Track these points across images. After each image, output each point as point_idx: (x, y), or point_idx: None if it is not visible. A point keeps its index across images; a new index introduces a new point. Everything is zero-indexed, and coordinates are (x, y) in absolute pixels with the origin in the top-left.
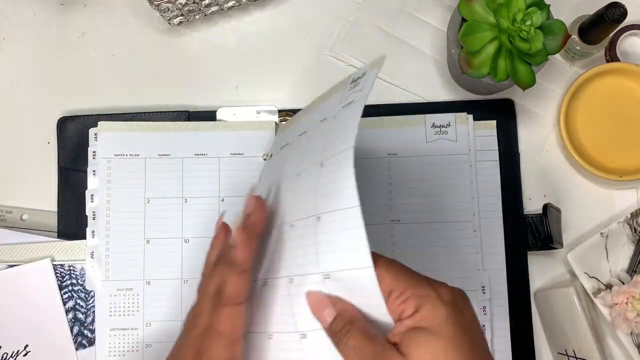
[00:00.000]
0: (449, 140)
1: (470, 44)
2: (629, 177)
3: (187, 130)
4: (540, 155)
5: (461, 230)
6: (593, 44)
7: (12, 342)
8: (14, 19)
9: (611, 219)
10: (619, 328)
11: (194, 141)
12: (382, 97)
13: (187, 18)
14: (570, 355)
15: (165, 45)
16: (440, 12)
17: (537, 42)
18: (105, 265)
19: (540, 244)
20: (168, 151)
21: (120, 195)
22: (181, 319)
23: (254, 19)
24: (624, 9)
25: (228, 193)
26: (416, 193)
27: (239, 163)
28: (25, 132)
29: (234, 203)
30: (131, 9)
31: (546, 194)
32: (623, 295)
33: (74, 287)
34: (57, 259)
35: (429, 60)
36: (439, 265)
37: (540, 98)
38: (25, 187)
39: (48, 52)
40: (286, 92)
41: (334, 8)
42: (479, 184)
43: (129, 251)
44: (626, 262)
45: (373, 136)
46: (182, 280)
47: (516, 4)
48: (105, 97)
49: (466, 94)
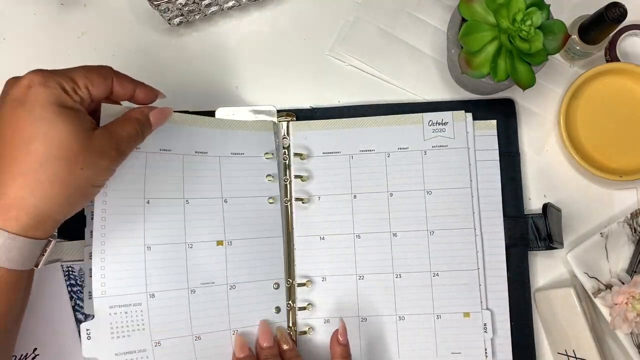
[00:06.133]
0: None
1: (470, 44)
2: (629, 177)
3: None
4: (540, 155)
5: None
6: (593, 44)
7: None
8: (14, 19)
9: (611, 219)
10: (619, 328)
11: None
12: (382, 97)
13: (187, 18)
14: (570, 355)
15: (165, 45)
16: (440, 12)
17: (537, 42)
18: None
19: (540, 244)
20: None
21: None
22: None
23: (254, 19)
24: (624, 9)
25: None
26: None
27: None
28: None
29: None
30: (131, 9)
31: (546, 194)
32: (623, 295)
33: (73, 288)
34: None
35: (429, 60)
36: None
37: (540, 98)
38: None
39: (48, 52)
40: (286, 92)
41: (334, 8)
42: (479, 183)
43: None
44: (626, 262)
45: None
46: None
47: (516, 4)
48: None
49: (466, 94)
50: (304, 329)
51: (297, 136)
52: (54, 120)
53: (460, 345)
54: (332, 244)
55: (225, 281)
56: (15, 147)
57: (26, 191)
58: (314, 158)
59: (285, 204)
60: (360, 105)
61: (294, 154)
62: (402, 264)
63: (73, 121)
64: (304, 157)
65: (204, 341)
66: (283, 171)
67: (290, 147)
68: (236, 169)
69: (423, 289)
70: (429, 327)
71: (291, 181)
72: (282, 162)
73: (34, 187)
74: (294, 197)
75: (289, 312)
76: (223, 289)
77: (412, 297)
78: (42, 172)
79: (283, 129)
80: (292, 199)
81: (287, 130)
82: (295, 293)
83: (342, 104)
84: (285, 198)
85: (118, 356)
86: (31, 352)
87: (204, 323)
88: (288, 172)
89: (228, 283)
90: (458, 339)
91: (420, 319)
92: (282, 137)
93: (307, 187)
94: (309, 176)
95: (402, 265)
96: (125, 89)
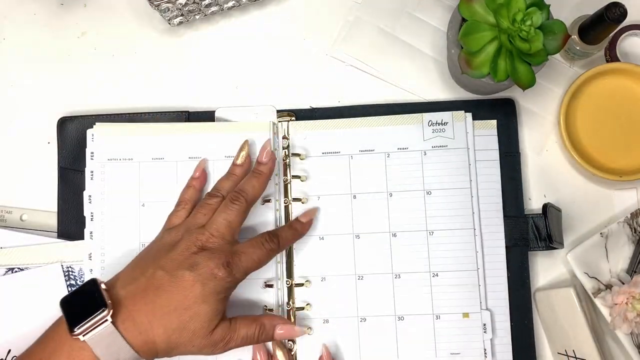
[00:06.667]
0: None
1: (470, 44)
2: (629, 177)
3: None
4: (540, 155)
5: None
6: (593, 44)
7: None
8: (14, 19)
9: (611, 219)
10: (619, 328)
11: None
12: (382, 97)
13: (187, 18)
14: (570, 355)
15: (165, 45)
16: (440, 12)
17: (537, 42)
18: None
19: (540, 244)
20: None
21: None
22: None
23: (254, 19)
24: (624, 9)
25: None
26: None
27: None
28: (25, 132)
29: None
30: (131, 9)
31: (546, 194)
32: (623, 295)
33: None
34: (56, 259)
35: (429, 60)
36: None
37: (540, 98)
38: (25, 187)
39: (48, 52)
40: (286, 92)
41: (334, 8)
42: (479, 183)
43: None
44: (626, 262)
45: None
46: None
47: (516, 4)
48: (105, 97)
49: (466, 94)
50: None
51: (297, 136)
52: (211, 303)
53: (460, 345)
54: (331, 244)
55: None
56: (172, 299)
57: (154, 325)
58: (313, 158)
59: (285, 204)
60: (360, 105)
61: (293, 154)
62: (401, 264)
63: (217, 307)
64: (303, 157)
65: None
66: (282, 171)
67: (290, 147)
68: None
69: (422, 289)
70: (428, 328)
71: (290, 181)
72: (281, 162)
73: (160, 325)
74: (293, 197)
75: (288, 312)
76: None
77: (412, 298)
78: (169, 325)
79: (283, 129)
80: (292, 199)
81: (287, 130)
82: (294, 293)
83: (342, 104)
84: (284, 198)
85: None
86: None
87: None
88: (287, 172)
89: None
90: (457, 339)
91: (419, 319)
92: (281, 137)
93: (306, 187)
94: (308, 176)
95: (401, 265)
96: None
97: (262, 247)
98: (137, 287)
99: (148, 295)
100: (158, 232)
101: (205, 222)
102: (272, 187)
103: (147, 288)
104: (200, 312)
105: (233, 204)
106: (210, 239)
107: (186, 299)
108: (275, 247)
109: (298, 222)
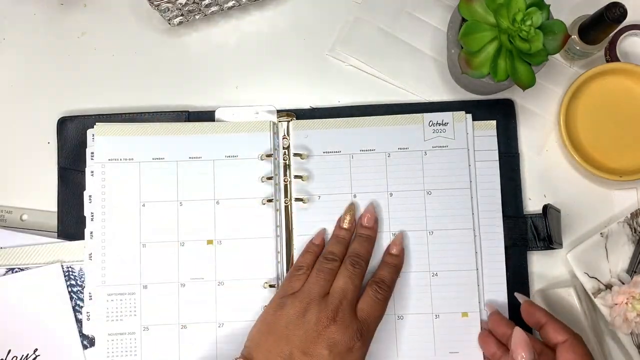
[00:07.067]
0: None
1: (470, 44)
2: (629, 177)
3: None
4: (540, 155)
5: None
6: (593, 44)
7: (22, 345)
8: (14, 19)
9: (611, 219)
10: (619, 328)
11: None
12: (382, 97)
13: (187, 18)
14: None
15: (165, 45)
16: (440, 12)
17: (537, 42)
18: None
19: (540, 244)
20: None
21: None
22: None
23: (254, 19)
24: (624, 9)
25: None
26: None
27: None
28: (25, 132)
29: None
30: (131, 9)
31: (546, 194)
32: (623, 295)
33: (73, 288)
34: (56, 259)
35: (429, 60)
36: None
37: (540, 98)
38: (25, 187)
39: (48, 52)
40: (286, 92)
41: (334, 8)
42: (478, 184)
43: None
44: (626, 262)
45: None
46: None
47: (516, 4)
48: (105, 97)
49: (466, 94)
50: None
51: (297, 136)
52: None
53: (458, 344)
54: None
55: (214, 277)
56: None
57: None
58: (314, 158)
59: (286, 204)
60: (360, 105)
61: (293, 154)
62: None
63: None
64: (304, 157)
65: (190, 330)
66: (283, 171)
67: (290, 147)
68: (229, 172)
69: (422, 288)
70: (427, 327)
71: (291, 181)
72: (282, 162)
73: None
74: (294, 197)
75: None
76: (212, 284)
77: (411, 297)
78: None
79: (283, 129)
80: (292, 198)
81: (287, 130)
82: None
83: (342, 104)
84: (285, 198)
85: (111, 336)
86: (32, 353)
87: (191, 314)
88: (288, 172)
89: (217, 279)
90: (456, 338)
91: (418, 318)
92: (282, 137)
93: (307, 187)
94: (309, 176)
95: None
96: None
97: (378, 301)
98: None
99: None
100: (157, 231)
101: (328, 288)
102: (272, 187)
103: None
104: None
105: (355, 268)
106: (340, 307)
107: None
108: (388, 294)
109: (391, 256)
